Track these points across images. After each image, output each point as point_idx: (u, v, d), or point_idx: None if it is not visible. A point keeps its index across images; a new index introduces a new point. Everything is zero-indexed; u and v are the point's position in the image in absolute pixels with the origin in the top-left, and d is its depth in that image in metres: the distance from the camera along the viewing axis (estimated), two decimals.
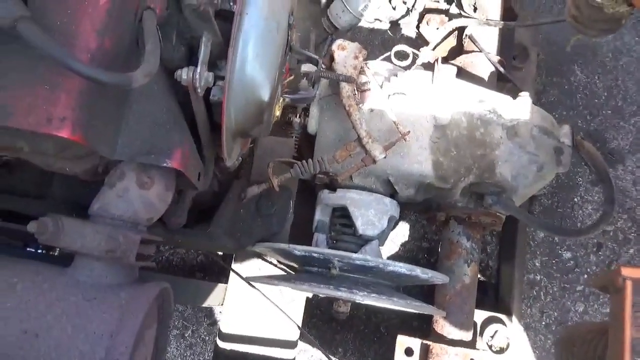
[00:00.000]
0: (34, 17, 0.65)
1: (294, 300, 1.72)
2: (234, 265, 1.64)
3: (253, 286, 1.51)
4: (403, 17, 1.72)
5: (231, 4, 0.84)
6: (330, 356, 1.80)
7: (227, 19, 0.86)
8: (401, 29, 1.78)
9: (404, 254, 2.01)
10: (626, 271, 0.76)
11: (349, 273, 1.28)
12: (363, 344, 1.96)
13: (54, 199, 1.01)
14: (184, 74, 0.79)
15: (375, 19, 1.72)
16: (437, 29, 1.70)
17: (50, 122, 0.69)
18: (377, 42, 2.20)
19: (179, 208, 1.04)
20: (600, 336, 0.92)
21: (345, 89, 1.29)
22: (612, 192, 1.43)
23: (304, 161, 1.31)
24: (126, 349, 0.73)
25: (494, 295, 1.86)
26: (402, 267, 1.20)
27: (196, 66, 0.79)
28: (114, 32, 0.76)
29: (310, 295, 1.64)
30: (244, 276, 1.58)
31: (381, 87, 1.39)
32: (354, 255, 1.18)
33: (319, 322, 1.97)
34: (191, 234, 1.15)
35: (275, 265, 1.68)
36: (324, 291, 1.19)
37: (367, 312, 1.97)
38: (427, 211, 1.63)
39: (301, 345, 1.81)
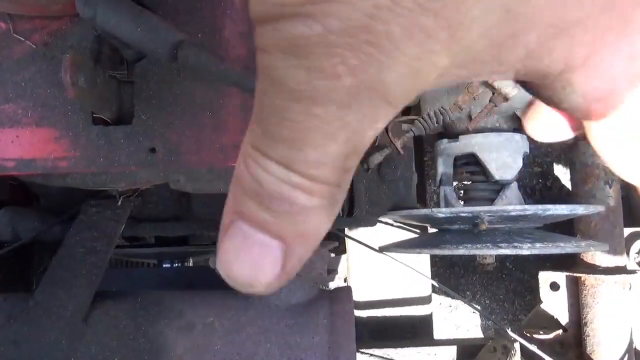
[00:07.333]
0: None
1: (418, 255, 1.67)
2: (352, 233, 1.57)
3: (384, 253, 1.44)
4: None
5: None
6: (464, 299, 1.73)
7: None
8: None
9: (519, 183, 1.89)
10: None
11: (498, 224, 1.18)
12: (490, 283, 1.89)
13: (195, 219, 0.95)
14: None
15: None
16: None
17: (223, 152, 0.60)
18: None
19: None
20: None
21: None
22: None
23: (424, 115, 1.19)
24: None
25: (625, 210, 1.73)
26: (563, 209, 1.09)
27: None
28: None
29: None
30: (362, 242, 1.51)
31: None
32: (510, 207, 1.08)
33: (440, 269, 1.91)
34: (342, 220, 1.07)
35: (392, 225, 1.61)
36: (481, 251, 1.10)
37: None
38: None
39: None
